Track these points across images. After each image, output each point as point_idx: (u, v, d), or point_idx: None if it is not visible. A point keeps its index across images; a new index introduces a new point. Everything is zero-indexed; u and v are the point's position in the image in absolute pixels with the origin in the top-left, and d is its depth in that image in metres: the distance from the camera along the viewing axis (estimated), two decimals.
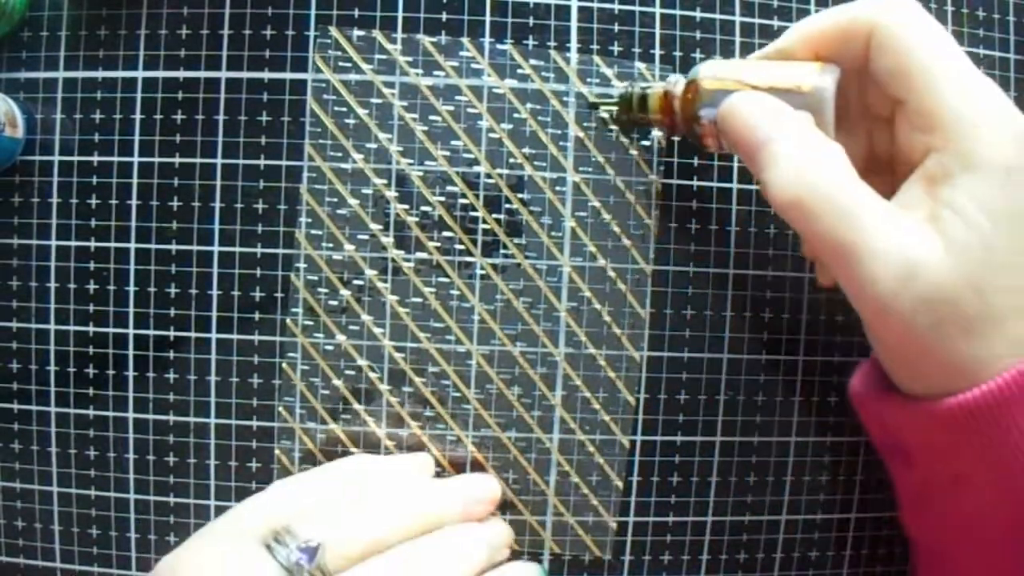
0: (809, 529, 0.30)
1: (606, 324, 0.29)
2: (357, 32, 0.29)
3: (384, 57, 0.29)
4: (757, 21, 0.29)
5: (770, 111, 0.23)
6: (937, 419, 0.22)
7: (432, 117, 0.29)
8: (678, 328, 0.29)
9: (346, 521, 0.24)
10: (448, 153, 0.29)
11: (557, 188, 0.29)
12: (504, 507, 0.29)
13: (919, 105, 0.21)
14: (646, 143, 0.29)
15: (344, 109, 0.29)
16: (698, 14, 0.29)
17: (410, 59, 0.29)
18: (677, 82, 0.26)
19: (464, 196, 0.29)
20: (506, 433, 0.29)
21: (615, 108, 0.28)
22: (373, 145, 0.29)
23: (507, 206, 0.29)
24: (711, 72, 0.24)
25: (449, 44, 0.29)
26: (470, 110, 0.29)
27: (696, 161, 0.29)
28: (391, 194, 0.29)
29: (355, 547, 0.23)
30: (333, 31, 0.29)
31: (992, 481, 0.22)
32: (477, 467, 0.29)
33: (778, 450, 0.30)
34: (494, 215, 0.29)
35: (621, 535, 0.30)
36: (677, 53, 0.29)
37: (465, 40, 0.29)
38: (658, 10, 0.29)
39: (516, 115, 0.29)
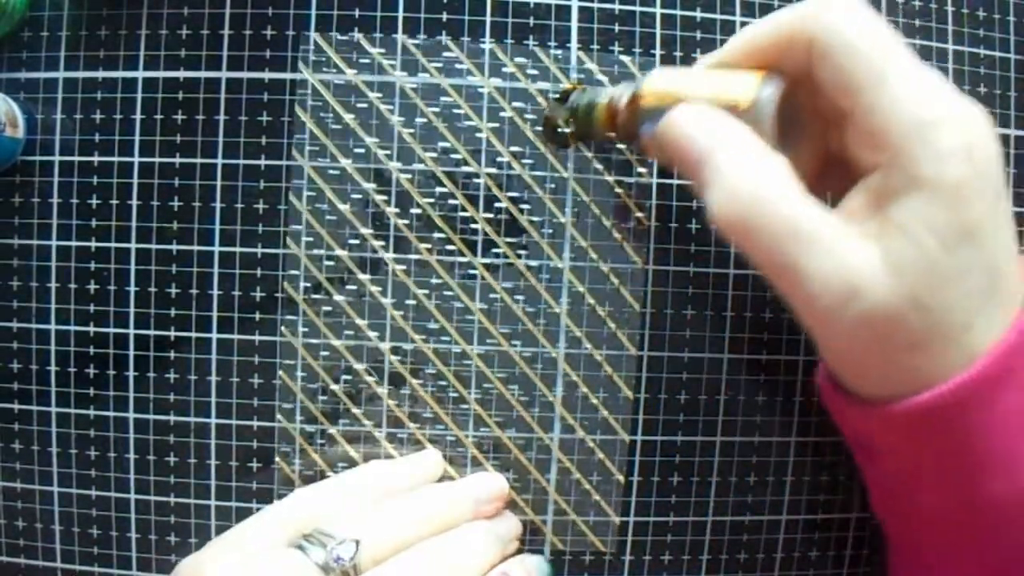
0: (809, 529, 0.30)
1: (600, 320, 0.29)
2: (355, 35, 0.29)
3: (389, 61, 0.29)
4: None
5: (708, 125, 0.22)
6: (890, 421, 0.22)
7: (431, 119, 0.29)
8: (678, 328, 0.30)
9: (371, 523, 0.24)
10: (436, 154, 0.29)
11: (549, 186, 0.29)
12: (506, 506, 0.29)
13: (864, 121, 0.20)
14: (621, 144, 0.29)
15: (336, 112, 0.29)
16: (698, 14, 0.29)
17: (413, 60, 0.29)
18: (622, 95, 0.25)
19: (453, 196, 0.29)
20: (506, 432, 0.29)
21: (563, 118, 0.28)
22: (362, 148, 0.29)
23: (501, 205, 0.29)
24: (652, 86, 0.24)
25: (465, 44, 0.29)
26: (455, 110, 0.29)
27: None
28: (381, 197, 0.29)
29: (382, 548, 0.24)
30: (317, 37, 0.29)
31: (951, 481, 0.22)
32: (476, 466, 0.29)
33: (778, 450, 0.30)
34: (485, 215, 0.29)
35: (622, 535, 0.30)
36: (677, 53, 0.29)
37: (465, 39, 0.29)
38: (659, 10, 0.29)
39: (527, 115, 0.29)
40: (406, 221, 0.29)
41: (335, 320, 0.29)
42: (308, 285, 0.29)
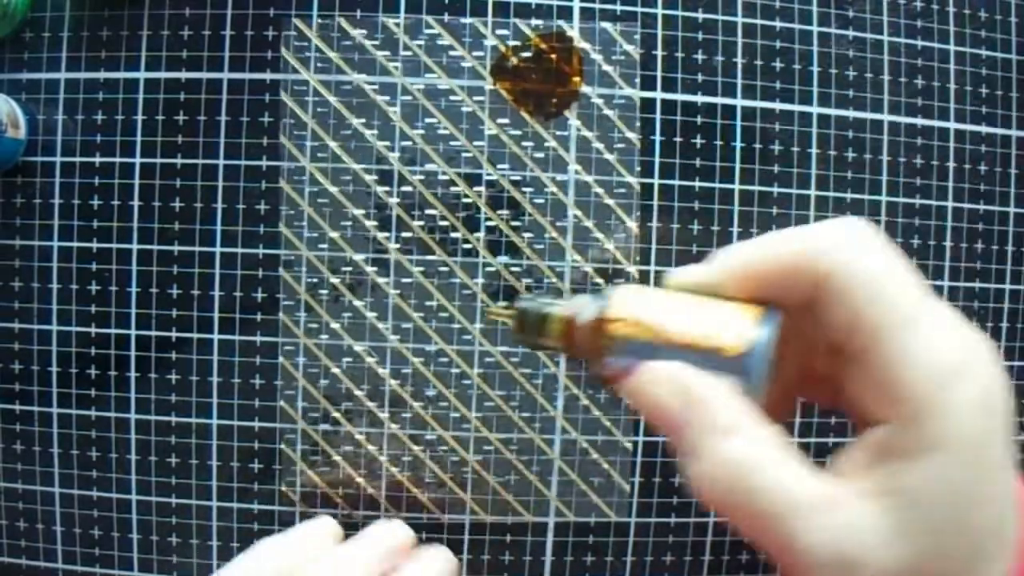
0: None
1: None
2: (346, 32, 0.29)
3: (389, 63, 0.29)
4: (759, 22, 0.29)
5: (686, 394, 0.19)
6: None
7: (430, 119, 0.29)
8: None
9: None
10: (423, 177, 0.29)
11: (541, 199, 0.29)
12: (508, 470, 0.29)
13: (879, 371, 0.18)
14: (620, 146, 0.29)
15: (336, 112, 0.29)
16: (700, 15, 0.29)
17: (417, 59, 0.29)
18: (583, 310, 0.20)
19: (445, 218, 0.29)
20: (509, 405, 0.29)
21: (510, 319, 0.22)
22: (348, 176, 0.29)
23: (502, 209, 0.29)
24: (624, 311, 0.20)
25: (466, 44, 0.29)
26: (465, 109, 0.29)
27: (698, 162, 0.29)
28: (372, 223, 0.29)
29: None
30: (306, 33, 0.29)
31: None
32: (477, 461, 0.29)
33: None
34: (488, 224, 0.29)
35: (623, 535, 0.30)
36: (679, 54, 0.29)
37: (466, 40, 0.29)
38: (660, 11, 0.29)
39: (526, 141, 0.29)
40: (398, 245, 0.29)
41: (336, 331, 0.29)
42: (307, 290, 0.29)
